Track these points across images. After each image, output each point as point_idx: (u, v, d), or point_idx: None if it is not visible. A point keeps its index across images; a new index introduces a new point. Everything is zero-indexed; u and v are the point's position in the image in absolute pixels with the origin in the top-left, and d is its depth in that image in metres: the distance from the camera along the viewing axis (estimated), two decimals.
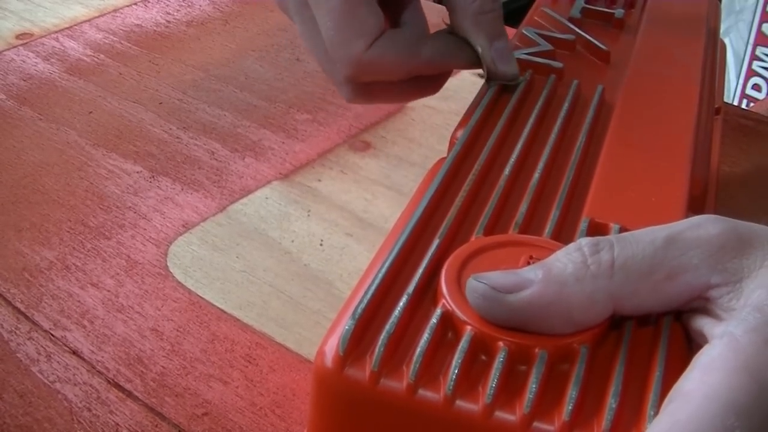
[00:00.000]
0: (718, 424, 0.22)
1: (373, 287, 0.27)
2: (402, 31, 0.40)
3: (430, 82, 0.42)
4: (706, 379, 0.23)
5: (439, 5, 0.45)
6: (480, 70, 0.40)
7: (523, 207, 0.32)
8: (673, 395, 0.23)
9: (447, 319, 0.26)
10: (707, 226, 0.27)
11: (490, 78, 0.40)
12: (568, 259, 0.26)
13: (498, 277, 0.26)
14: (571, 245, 0.27)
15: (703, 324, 0.26)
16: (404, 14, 0.41)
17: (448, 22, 0.41)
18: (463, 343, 0.25)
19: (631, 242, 0.26)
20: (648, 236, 0.27)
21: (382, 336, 0.26)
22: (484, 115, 0.37)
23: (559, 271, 0.26)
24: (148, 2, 0.75)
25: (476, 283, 0.26)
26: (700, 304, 0.27)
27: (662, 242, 0.26)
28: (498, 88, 0.40)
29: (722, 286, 0.26)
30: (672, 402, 0.23)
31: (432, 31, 0.41)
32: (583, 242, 0.27)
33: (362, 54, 0.38)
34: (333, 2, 0.37)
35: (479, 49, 0.39)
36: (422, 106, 0.61)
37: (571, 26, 0.45)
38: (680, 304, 0.27)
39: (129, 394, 0.39)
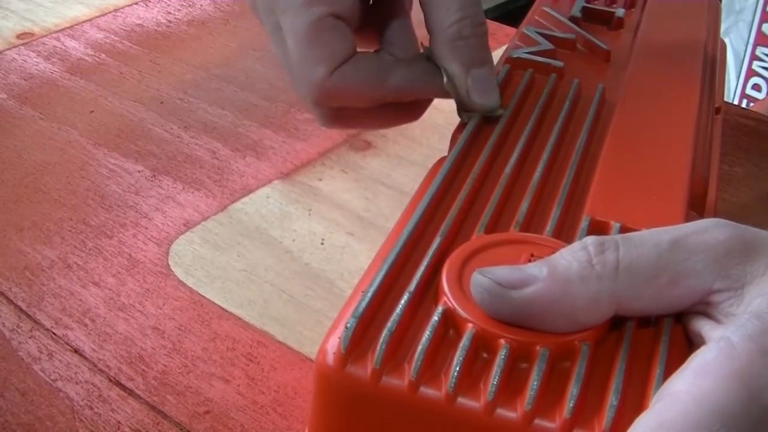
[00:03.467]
0: (703, 429, 0.22)
1: (375, 285, 0.27)
2: (372, 57, 0.37)
3: (407, 109, 0.39)
4: (697, 383, 0.23)
5: None
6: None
7: (524, 205, 0.32)
8: (662, 394, 0.23)
9: (448, 316, 0.27)
10: (714, 231, 0.26)
11: (463, 109, 0.37)
12: (573, 258, 0.26)
13: (503, 272, 0.26)
14: (576, 244, 0.27)
15: (702, 326, 0.26)
16: (389, 32, 0.39)
17: (427, 44, 0.38)
18: (464, 341, 0.26)
19: (637, 244, 0.26)
20: (653, 238, 0.26)
21: (384, 334, 0.26)
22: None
23: (564, 270, 0.26)
24: (149, 2, 0.75)
25: (481, 278, 0.26)
26: (700, 308, 0.27)
27: (667, 246, 0.26)
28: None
29: (724, 291, 0.26)
30: (660, 401, 0.23)
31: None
32: (589, 241, 0.27)
33: (324, 80, 0.35)
34: (298, 23, 0.35)
35: (452, 78, 0.36)
36: None
37: (572, 25, 0.45)
38: (682, 308, 0.27)
39: (130, 393, 0.39)
